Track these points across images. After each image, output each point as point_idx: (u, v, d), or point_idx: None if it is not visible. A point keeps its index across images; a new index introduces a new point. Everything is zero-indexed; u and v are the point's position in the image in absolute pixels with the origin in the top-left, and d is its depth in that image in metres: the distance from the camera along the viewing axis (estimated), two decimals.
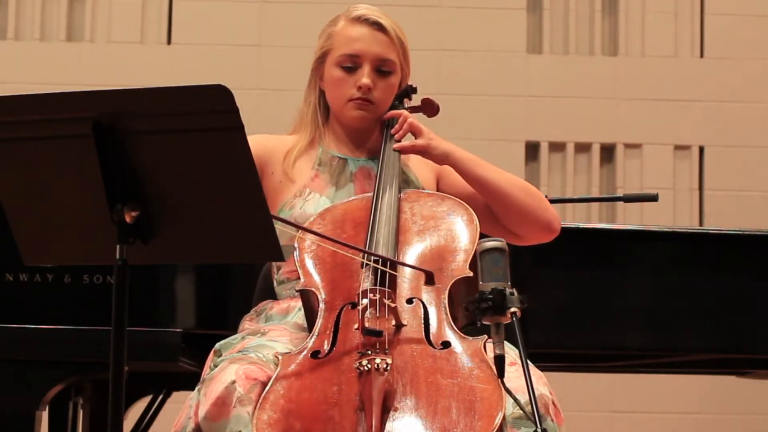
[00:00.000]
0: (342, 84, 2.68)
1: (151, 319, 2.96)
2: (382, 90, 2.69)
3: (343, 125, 2.74)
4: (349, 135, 2.74)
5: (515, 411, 2.17)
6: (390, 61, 2.69)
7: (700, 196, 6.03)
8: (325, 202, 2.62)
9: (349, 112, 2.69)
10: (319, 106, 2.75)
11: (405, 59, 2.73)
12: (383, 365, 2.13)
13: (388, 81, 2.70)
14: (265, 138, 2.74)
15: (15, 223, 2.15)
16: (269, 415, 2.14)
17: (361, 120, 2.70)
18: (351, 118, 2.70)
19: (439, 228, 2.49)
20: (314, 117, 2.75)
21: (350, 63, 2.67)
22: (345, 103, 2.68)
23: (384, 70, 2.69)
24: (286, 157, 2.71)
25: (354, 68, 2.67)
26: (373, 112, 2.70)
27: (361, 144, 2.75)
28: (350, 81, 2.67)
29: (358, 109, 2.68)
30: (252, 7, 6.02)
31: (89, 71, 5.88)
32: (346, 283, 2.38)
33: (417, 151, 2.65)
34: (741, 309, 3.30)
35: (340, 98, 2.69)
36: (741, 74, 6.05)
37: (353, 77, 2.67)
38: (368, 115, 2.69)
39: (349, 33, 2.69)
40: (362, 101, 2.67)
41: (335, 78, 2.68)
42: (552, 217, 2.70)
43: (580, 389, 5.48)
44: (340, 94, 2.68)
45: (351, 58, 2.67)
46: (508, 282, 2.10)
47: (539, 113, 6.02)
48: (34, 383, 2.91)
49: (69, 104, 2.06)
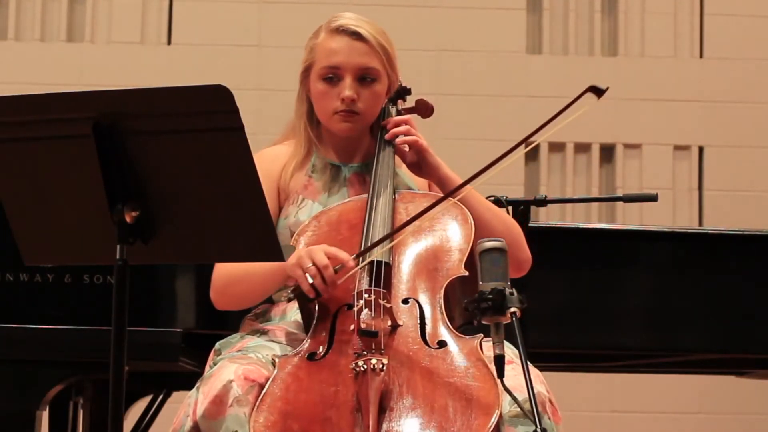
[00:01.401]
0: (325, 97, 2.66)
1: (151, 319, 2.96)
2: (367, 99, 2.66)
3: (333, 134, 2.73)
4: (341, 143, 2.73)
5: (512, 409, 2.18)
6: (372, 69, 2.66)
7: (700, 196, 6.03)
8: (318, 208, 2.62)
9: (335, 125, 2.67)
10: (310, 118, 2.74)
11: (390, 65, 2.69)
12: (379, 366, 2.14)
13: (372, 89, 2.67)
14: (259, 156, 2.68)
15: (15, 223, 2.16)
16: (266, 417, 2.14)
17: (348, 131, 2.68)
18: (338, 130, 2.68)
19: (433, 228, 2.49)
20: (306, 129, 2.74)
21: (331, 74, 2.65)
22: (331, 116, 2.66)
23: (367, 78, 2.66)
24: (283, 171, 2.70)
25: (336, 80, 2.64)
26: (360, 122, 2.68)
27: (354, 150, 2.74)
28: (333, 93, 2.65)
29: (344, 121, 2.66)
30: (252, 8, 6.02)
31: (89, 72, 5.88)
32: (341, 285, 2.38)
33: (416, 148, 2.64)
34: (740, 309, 3.30)
35: (326, 111, 2.67)
36: (740, 74, 6.05)
37: (336, 89, 2.64)
38: (355, 126, 2.67)
39: (329, 45, 2.66)
40: (346, 113, 2.65)
41: (319, 91, 2.67)
42: (524, 258, 2.65)
43: (580, 389, 5.48)
44: (324, 107, 2.67)
45: (332, 70, 2.65)
46: (507, 282, 2.11)
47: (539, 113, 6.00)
48: (35, 383, 2.91)
49: (69, 105, 2.07)
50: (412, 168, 2.66)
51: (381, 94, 2.69)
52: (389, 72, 2.70)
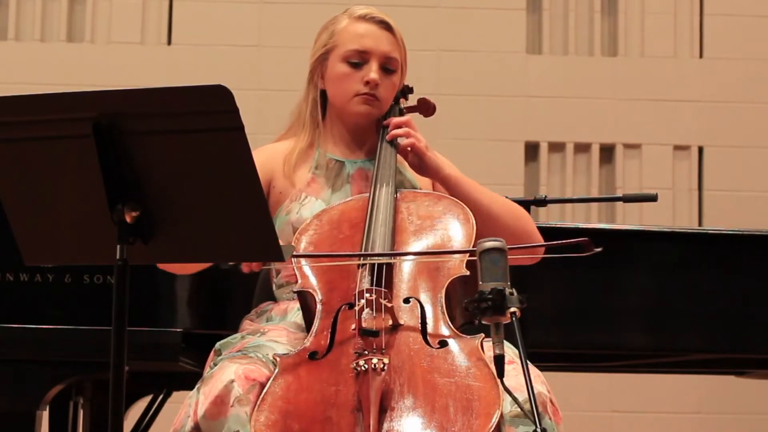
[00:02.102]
0: (348, 79, 2.68)
1: (151, 319, 2.96)
2: (386, 88, 2.70)
3: (344, 123, 2.73)
4: (347, 136, 2.74)
5: (513, 409, 2.18)
6: (395, 60, 2.71)
7: (699, 196, 6.03)
8: (321, 205, 2.62)
9: (354, 108, 2.69)
10: (316, 106, 2.75)
11: (405, 61, 2.76)
12: (380, 365, 2.14)
13: (391, 80, 2.71)
14: (258, 152, 2.72)
15: (15, 223, 2.16)
16: (267, 416, 2.14)
17: (366, 115, 2.70)
18: (357, 114, 2.69)
19: (435, 227, 2.49)
20: (314, 116, 2.75)
21: (358, 59, 2.68)
22: (351, 98, 2.68)
23: (389, 68, 2.70)
24: (285, 162, 2.70)
25: (361, 64, 2.68)
26: (378, 108, 2.70)
27: (358, 146, 2.75)
28: (356, 76, 2.68)
29: (365, 103, 2.68)
30: (252, 8, 6.02)
31: (90, 72, 5.88)
32: (342, 284, 2.38)
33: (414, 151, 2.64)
34: (740, 309, 3.30)
35: (346, 94, 2.69)
36: (740, 74, 6.05)
37: (360, 73, 2.67)
38: (373, 111, 2.70)
39: (357, 29, 2.70)
40: (369, 96, 2.67)
41: (341, 73, 2.69)
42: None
43: (580, 389, 5.49)
44: (346, 89, 2.68)
45: (359, 54, 2.68)
46: (507, 282, 2.11)
47: (539, 113, 6.02)
48: (35, 383, 2.91)
49: (69, 105, 2.07)
50: (413, 168, 2.67)
51: (396, 87, 2.74)
52: (404, 68, 2.75)
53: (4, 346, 2.92)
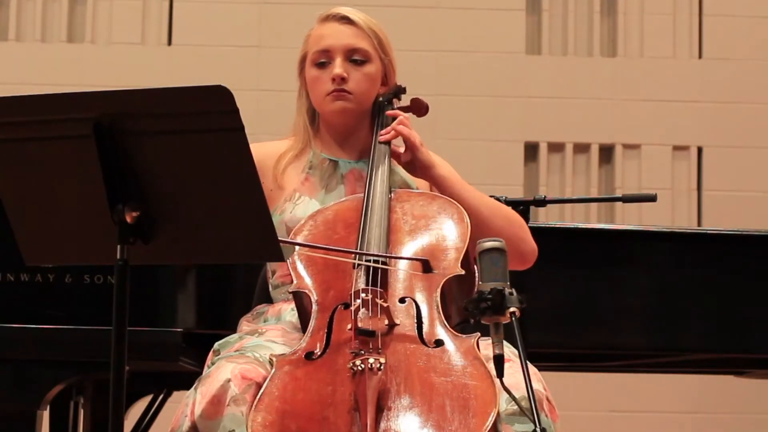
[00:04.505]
0: (318, 81, 2.69)
1: (151, 319, 2.96)
2: (359, 80, 2.68)
3: (330, 125, 2.74)
4: (338, 136, 2.74)
5: (509, 407, 2.17)
6: (361, 49, 2.69)
7: (699, 196, 6.03)
8: (315, 205, 2.62)
9: (328, 107, 2.69)
10: (309, 113, 2.76)
11: (383, 49, 2.72)
12: (377, 365, 2.14)
13: (362, 70, 2.69)
14: (257, 147, 2.74)
15: (16, 223, 2.16)
16: (264, 416, 2.14)
17: (342, 112, 2.69)
18: (332, 113, 2.69)
19: (430, 227, 2.49)
20: (305, 124, 2.75)
21: (324, 58, 2.68)
22: (323, 99, 2.68)
23: (357, 59, 2.68)
24: (277, 163, 2.71)
25: (327, 63, 2.68)
26: (353, 102, 2.68)
27: (351, 146, 2.74)
28: (325, 76, 2.68)
29: (336, 100, 2.67)
30: (252, 9, 6.03)
31: (90, 72, 5.88)
32: (338, 284, 2.38)
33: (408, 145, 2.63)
34: (739, 309, 3.30)
35: (319, 95, 2.69)
36: (739, 75, 6.05)
37: (327, 72, 2.68)
38: (348, 105, 2.68)
39: (320, 32, 2.71)
40: (338, 92, 2.66)
41: (312, 78, 2.70)
42: (528, 250, 2.66)
43: (579, 389, 5.49)
44: (318, 91, 2.69)
45: (323, 54, 2.68)
46: (507, 282, 2.11)
47: (538, 114, 6.02)
48: (35, 383, 2.91)
49: (70, 105, 2.07)
50: (407, 168, 2.66)
51: (373, 76, 2.71)
52: (381, 56, 2.72)
53: (4, 346, 2.92)
